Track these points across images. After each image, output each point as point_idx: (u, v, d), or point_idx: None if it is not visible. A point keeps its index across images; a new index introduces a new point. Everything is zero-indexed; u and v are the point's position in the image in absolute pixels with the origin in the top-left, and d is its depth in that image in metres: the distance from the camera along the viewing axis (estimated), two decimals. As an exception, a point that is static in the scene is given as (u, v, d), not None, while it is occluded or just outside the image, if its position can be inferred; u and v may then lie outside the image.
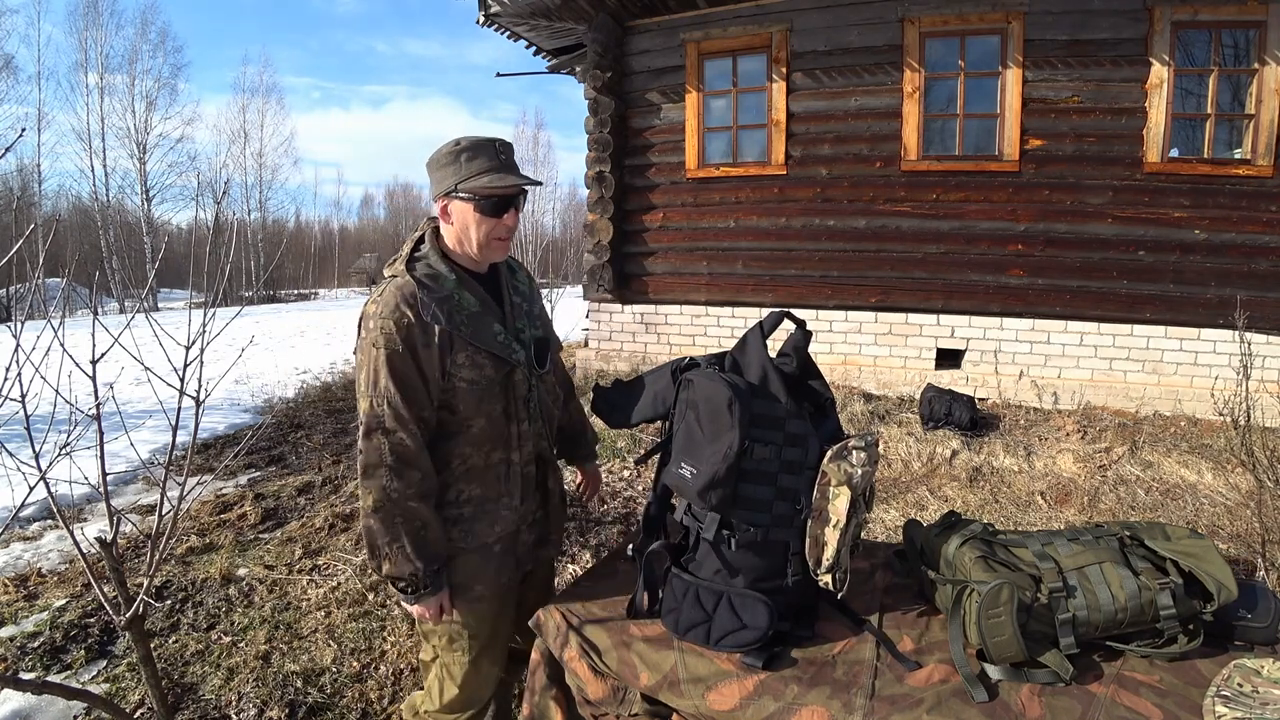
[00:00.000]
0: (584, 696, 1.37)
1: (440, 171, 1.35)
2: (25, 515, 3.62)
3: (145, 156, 23.82)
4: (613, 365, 6.57)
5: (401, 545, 1.31)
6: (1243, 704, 1.00)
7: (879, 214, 5.64)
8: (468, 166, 1.32)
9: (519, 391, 1.45)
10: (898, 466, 4.33)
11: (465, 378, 1.36)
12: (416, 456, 1.32)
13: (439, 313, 1.31)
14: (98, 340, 1.50)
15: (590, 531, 3.39)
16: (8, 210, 20.74)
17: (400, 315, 1.29)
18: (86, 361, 1.50)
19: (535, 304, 1.58)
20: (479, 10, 6.25)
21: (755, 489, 1.26)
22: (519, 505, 1.49)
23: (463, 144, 1.34)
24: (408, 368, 1.30)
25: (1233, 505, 3.53)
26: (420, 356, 1.30)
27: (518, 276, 1.57)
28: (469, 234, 1.37)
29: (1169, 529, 1.32)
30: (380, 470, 1.30)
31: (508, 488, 1.47)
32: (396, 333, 1.28)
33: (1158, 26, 4.82)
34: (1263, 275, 4.86)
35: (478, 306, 1.39)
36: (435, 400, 1.35)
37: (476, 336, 1.36)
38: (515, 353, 1.43)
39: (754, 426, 1.24)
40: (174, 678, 2.28)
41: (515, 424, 1.45)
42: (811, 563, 1.24)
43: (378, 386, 1.29)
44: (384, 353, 1.28)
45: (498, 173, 1.33)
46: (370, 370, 1.30)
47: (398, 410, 1.29)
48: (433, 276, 1.35)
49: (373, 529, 1.32)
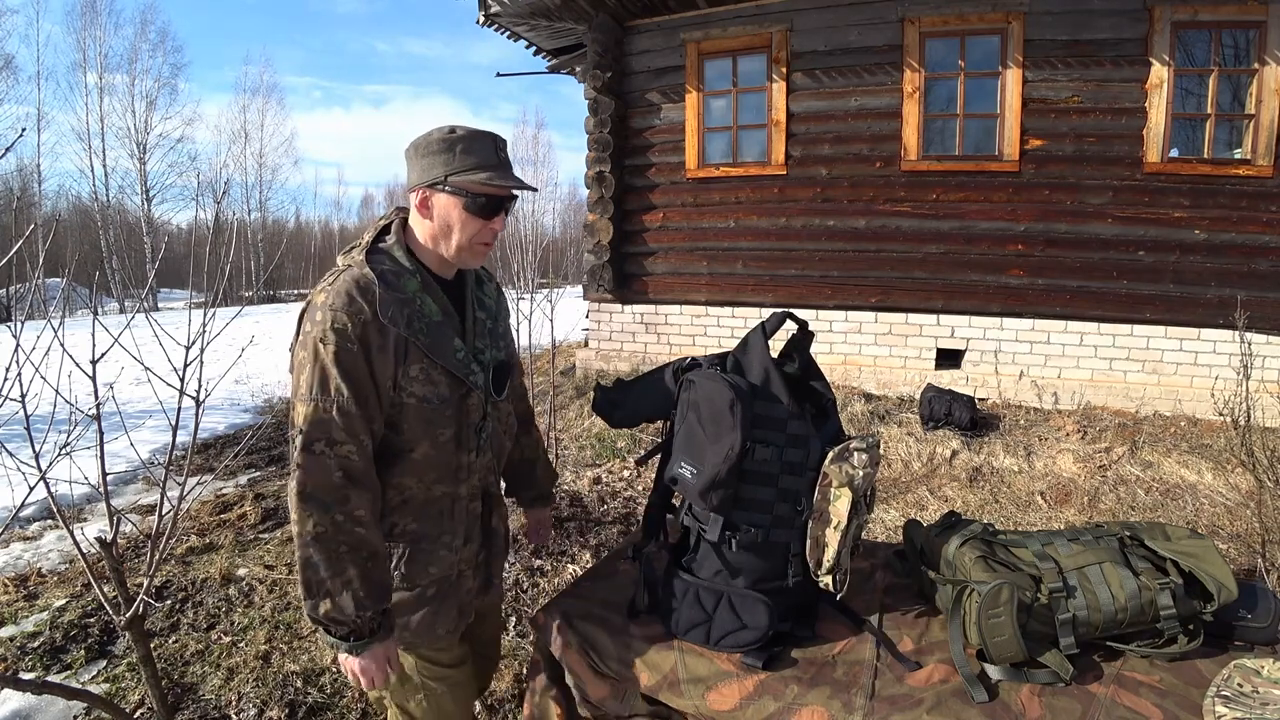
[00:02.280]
0: (584, 696, 1.37)
1: (427, 159, 1.18)
2: (25, 515, 3.62)
3: (145, 156, 23.80)
4: (613, 365, 6.57)
5: (348, 580, 1.11)
6: (1243, 704, 1.00)
7: (879, 214, 5.64)
8: (462, 158, 1.16)
9: (472, 418, 1.29)
10: (898, 466, 4.33)
11: (416, 393, 1.19)
12: (366, 473, 1.15)
13: (398, 314, 1.15)
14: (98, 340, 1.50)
15: (590, 531, 3.39)
16: (8, 210, 20.74)
17: (357, 309, 1.12)
18: (86, 361, 1.50)
19: (500, 322, 1.41)
20: (479, 10, 6.25)
21: (757, 490, 1.26)
22: (460, 546, 1.32)
23: (459, 132, 1.18)
24: (360, 369, 1.12)
25: (1233, 505, 3.53)
26: (374, 359, 1.14)
27: (485, 289, 1.39)
28: (450, 233, 1.21)
29: (1169, 529, 1.32)
30: (325, 490, 1.10)
31: (449, 525, 1.30)
32: (351, 328, 1.11)
33: (1158, 26, 4.82)
34: (1263, 275, 4.86)
35: (439, 316, 1.22)
36: (385, 411, 1.18)
37: (434, 349, 1.20)
38: (473, 374, 1.26)
39: (755, 428, 1.23)
40: (174, 678, 2.28)
41: (465, 453, 1.29)
42: (812, 564, 1.24)
43: (326, 388, 1.11)
44: (334, 350, 1.11)
45: (495, 170, 1.18)
46: (315, 369, 1.11)
47: (349, 418, 1.11)
48: (394, 274, 1.19)
49: (313, 561, 1.10)
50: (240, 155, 26.92)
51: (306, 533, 1.10)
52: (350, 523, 1.12)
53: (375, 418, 1.16)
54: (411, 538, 1.27)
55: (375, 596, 1.15)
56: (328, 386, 1.11)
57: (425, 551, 1.28)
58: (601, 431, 4.92)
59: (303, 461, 1.10)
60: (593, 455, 4.62)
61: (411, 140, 1.21)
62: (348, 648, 1.16)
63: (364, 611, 1.13)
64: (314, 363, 1.12)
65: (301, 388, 1.13)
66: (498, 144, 1.21)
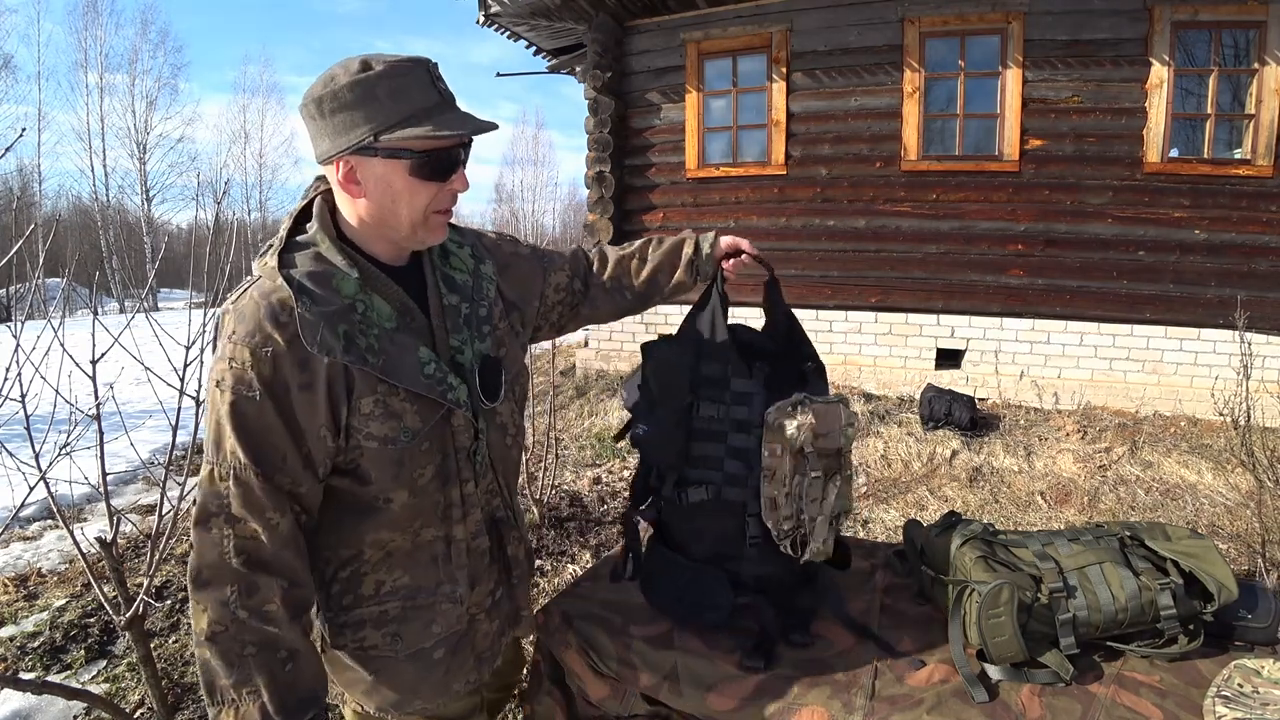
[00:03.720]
0: (584, 696, 1.37)
1: (342, 114, 0.84)
2: (25, 515, 3.62)
3: (145, 156, 23.80)
4: (613, 365, 6.57)
5: (254, 689, 0.86)
6: (1243, 704, 1.00)
7: (879, 214, 5.64)
8: (391, 105, 0.84)
9: (459, 442, 1.00)
10: (898, 466, 4.33)
11: (375, 434, 0.90)
12: (275, 556, 0.87)
13: (329, 337, 0.84)
14: (98, 340, 1.50)
15: (590, 531, 3.39)
16: (8, 210, 20.75)
17: (262, 341, 0.84)
18: (86, 361, 1.50)
19: (481, 301, 1.05)
20: (479, 10, 6.25)
21: (705, 447, 1.28)
22: (466, 594, 1.05)
23: (376, 68, 0.84)
24: (268, 424, 0.85)
25: (1233, 505, 3.53)
26: (295, 404, 0.86)
27: (453, 261, 1.05)
28: (396, 208, 0.90)
29: (1169, 529, 1.32)
30: (221, 578, 0.86)
31: (448, 572, 1.03)
32: (251, 366, 0.83)
33: (1158, 26, 4.82)
34: (1263, 275, 4.86)
35: (393, 320, 0.92)
36: (322, 467, 0.90)
37: (391, 370, 0.89)
38: (451, 389, 0.95)
39: (701, 385, 1.27)
40: (174, 678, 2.28)
41: (455, 487, 1.01)
42: (771, 525, 1.24)
43: (221, 450, 0.85)
44: (229, 398, 0.84)
45: (440, 114, 0.86)
46: (212, 423, 0.86)
47: (248, 491, 0.85)
48: (320, 277, 0.87)
49: (209, 664, 0.87)
50: (240, 155, 26.94)
51: (201, 629, 0.86)
52: (256, 618, 0.86)
53: (302, 480, 0.89)
54: (405, 594, 1.01)
55: (293, 709, 0.88)
56: (222, 447, 0.85)
57: (423, 608, 1.02)
58: (601, 431, 4.93)
59: (196, 540, 0.86)
60: (593, 455, 4.62)
61: (306, 92, 0.87)
62: None
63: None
64: (211, 411, 0.86)
65: (206, 439, 0.88)
66: (434, 74, 0.89)
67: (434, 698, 1.06)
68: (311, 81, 0.89)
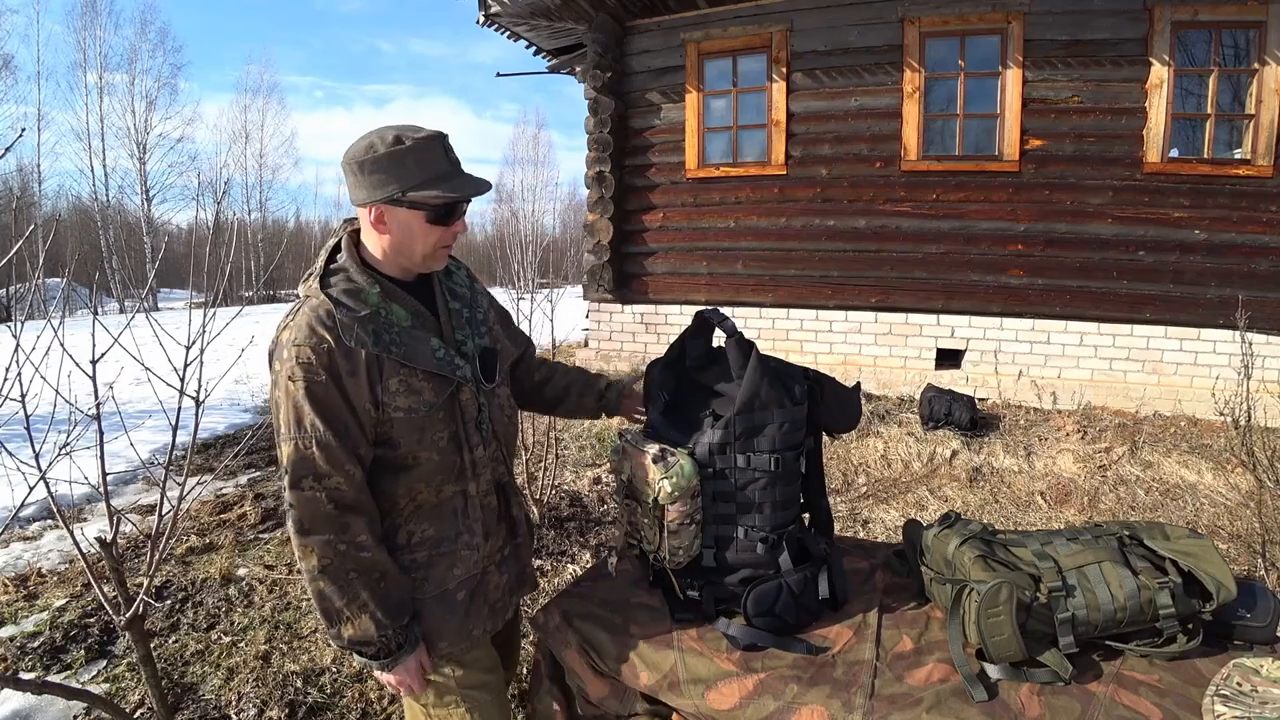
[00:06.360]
0: (584, 696, 1.37)
1: (377, 174, 1.14)
2: (25, 515, 3.63)
3: (145, 156, 23.79)
4: (613, 365, 6.57)
5: (363, 604, 1.14)
6: (1242, 703, 1.00)
7: (879, 214, 5.64)
8: (416, 171, 1.14)
9: (468, 413, 1.28)
10: (898, 466, 4.34)
11: (401, 405, 1.18)
12: (358, 500, 1.16)
13: (362, 334, 1.13)
14: (98, 340, 1.50)
15: (590, 531, 3.39)
16: (8, 210, 20.74)
17: (318, 340, 1.12)
18: (86, 361, 1.50)
19: (478, 308, 1.38)
20: (479, 10, 6.25)
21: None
22: (481, 543, 1.31)
23: (406, 143, 1.13)
24: (333, 400, 1.12)
25: (1233, 505, 3.53)
26: (347, 386, 1.13)
27: (454, 278, 1.37)
28: (412, 246, 1.19)
29: (1168, 529, 1.32)
30: (321, 523, 1.12)
31: (466, 524, 1.30)
32: (316, 360, 1.11)
33: (1158, 26, 4.82)
34: (1263, 275, 4.86)
35: (409, 320, 1.21)
36: (370, 436, 1.18)
37: (410, 356, 1.18)
38: (458, 369, 1.24)
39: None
40: (174, 678, 2.29)
41: (467, 451, 1.28)
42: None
43: (302, 426, 1.11)
44: (304, 385, 1.11)
45: (453, 179, 1.17)
46: (289, 408, 1.12)
47: (330, 451, 1.12)
48: (352, 293, 1.16)
49: (324, 592, 1.13)
50: (240, 155, 26.93)
51: (313, 567, 1.12)
52: (354, 549, 1.14)
53: (360, 443, 1.16)
54: (431, 543, 1.27)
55: (393, 613, 1.17)
56: (303, 423, 1.12)
57: (447, 554, 1.28)
58: (601, 431, 4.93)
59: (294, 500, 1.12)
60: (593, 455, 4.62)
61: (348, 153, 1.16)
62: (380, 665, 1.19)
63: (386, 630, 1.16)
64: (287, 401, 1.12)
65: (282, 427, 1.14)
66: (446, 146, 1.18)
67: (457, 640, 1.28)
68: (341, 129, 1.14)
